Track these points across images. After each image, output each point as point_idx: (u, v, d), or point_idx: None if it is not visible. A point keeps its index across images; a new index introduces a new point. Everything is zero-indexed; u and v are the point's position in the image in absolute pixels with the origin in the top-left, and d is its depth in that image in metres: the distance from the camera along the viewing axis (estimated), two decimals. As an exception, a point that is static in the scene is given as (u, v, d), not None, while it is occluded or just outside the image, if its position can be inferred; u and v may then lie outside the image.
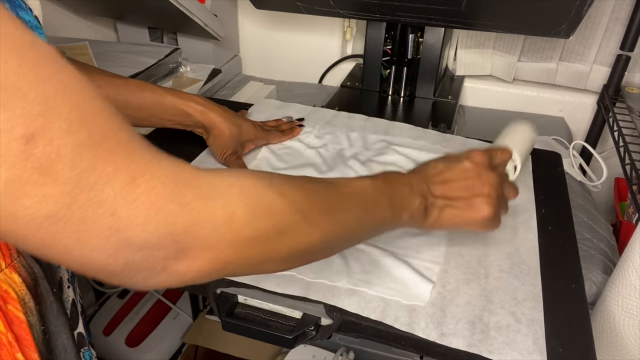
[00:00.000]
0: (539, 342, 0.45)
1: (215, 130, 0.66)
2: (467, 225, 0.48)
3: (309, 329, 0.48)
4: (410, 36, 0.96)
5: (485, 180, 0.48)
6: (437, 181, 0.47)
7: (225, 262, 0.31)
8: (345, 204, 0.39)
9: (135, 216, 0.26)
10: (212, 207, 0.29)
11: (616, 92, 0.95)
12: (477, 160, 0.49)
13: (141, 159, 0.27)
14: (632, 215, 0.80)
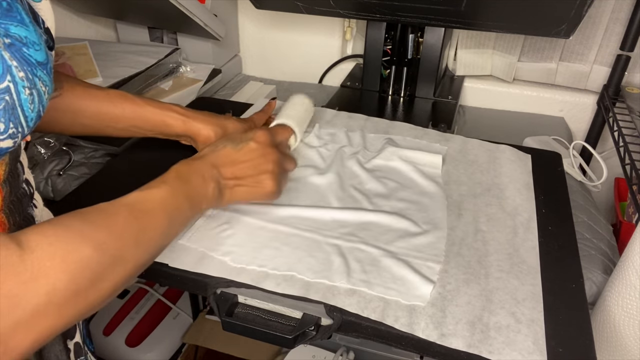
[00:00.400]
0: (539, 342, 0.45)
1: (200, 137, 0.66)
2: (256, 198, 0.56)
3: (309, 329, 0.48)
4: (410, 36, 0.96)
5: (269, 159, 0.55)
6: (227, 163, 0.53)
7: (51, 329, 0.33)
8: (152, 225, 0.42)
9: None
10: (36, 288, 0.31)
11: (616, 92, 0.95)
12: (262, 139, 0.56)
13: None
14: (632, 215, 0.80)
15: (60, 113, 0.58)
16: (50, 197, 0.74)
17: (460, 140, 0.76)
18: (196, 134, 0.66)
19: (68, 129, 0.62)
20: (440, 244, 0.56)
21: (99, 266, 0.35)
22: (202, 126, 0.65)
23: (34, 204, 0.44)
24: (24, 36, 0.35)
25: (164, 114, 0.64)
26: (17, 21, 0.34)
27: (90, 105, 0.60)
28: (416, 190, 0.65)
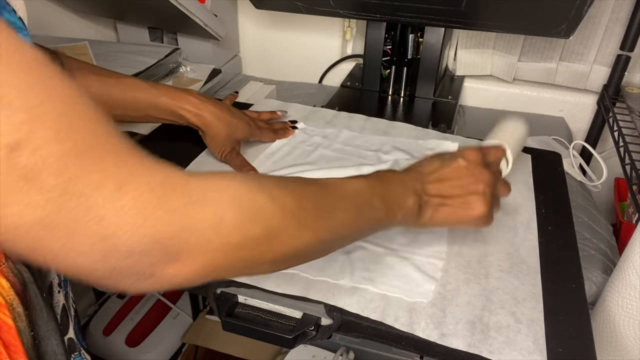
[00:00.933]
0: (539, 342, 0.45)
1: (210, 131, 0.66)
2: (462, 223, 0.49)
3: (309, 329, 0.48)
4: (410, 36, 0.96)
5: (479, 179, 0.49)
6: (432, 179, 0.48)
7: (215, 266, 0.31)
8: (338, 206, 0.39)
9: (123, 223, 0.26)
10: (201, 213, 0.29)
11: (616, 92, 0.95)
12: (471, 158, 0.50)
13: (130, 166, 0.27)
14: (632, 215, 0.80)
15: None
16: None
17: (460, 141, 0.76)
18: (206, 128, 0.66)
19: None
20: (442, 241, 0.56)
21: (272, 219, 0.33)
22: (214, 122, 0.65)
23: None
24: (13, 21, 0.34)
25: (177, 106, 0.64)
26: (1, 7, 0.33)
27: (102, 94, 0.59)
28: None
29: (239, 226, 0.31)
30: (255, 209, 0.32)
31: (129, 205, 0.26)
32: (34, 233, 0.24)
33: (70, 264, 0.26)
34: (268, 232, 0.32)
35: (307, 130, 0.78)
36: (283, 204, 0.34)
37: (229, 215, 0.30)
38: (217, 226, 0.30)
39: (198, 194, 0.29)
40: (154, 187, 0.27)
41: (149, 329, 1.09)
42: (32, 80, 0.24)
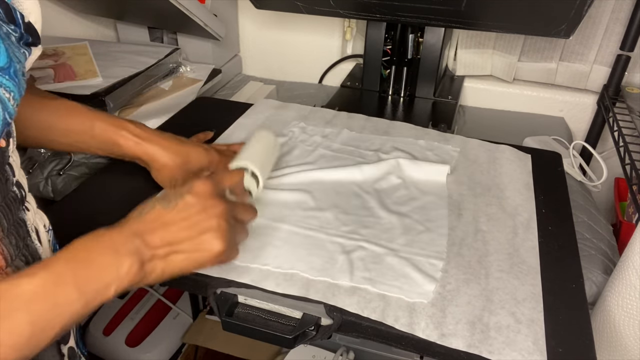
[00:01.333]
0: (539, 343, 0.45)
1: (155, 163, 0.59)
2: (201, 265, 0.44)
3: (309, 329, 0.48)
4: (410, 36, 0.96)
5: (211, 213, 0.44)
6: (155, 227, 0.42)
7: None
8: (4, 326, 0.32)
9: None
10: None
11: (616, 92, 0.95)
12: (200, 190, 0.44)
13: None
14: (632, 215, 0.80)
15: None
16: (50, 197, 0.74)
17: (460, 140, 0.76)
18: (150, 160, 0.59)
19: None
20: (442, 241, 0.56)
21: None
22: (158, 152, 0.58)
23: (26, 207, 0.42)
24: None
25: (115, 132, 0.57)
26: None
27: (33, 116, 0.53)
28: (418, 188, 0.65)
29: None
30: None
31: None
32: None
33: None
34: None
35: (307, 129, 0.78)
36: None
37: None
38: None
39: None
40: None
41: (149, 329, 1.09)
42: None
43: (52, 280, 0.35)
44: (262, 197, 0.62)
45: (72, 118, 0.56)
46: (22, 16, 0.38)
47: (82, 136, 0.57)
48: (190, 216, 0.43)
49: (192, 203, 0.44)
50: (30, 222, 0.42)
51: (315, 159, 0.70)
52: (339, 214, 0.60)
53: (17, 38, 0.38)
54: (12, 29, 0.37)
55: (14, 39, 0.37)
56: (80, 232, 0.56)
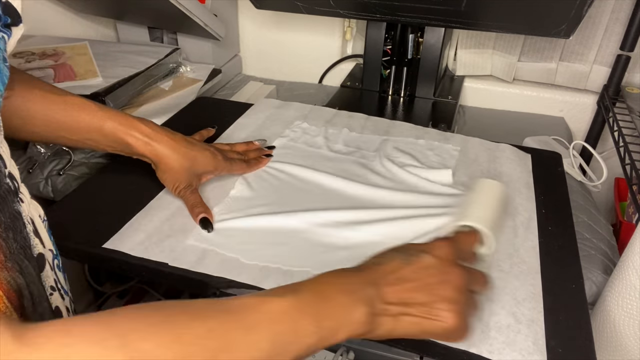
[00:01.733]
0: (539, 343, 0.45)
1: (162, 164, 0.59)
2: (429, 335, 0.41)
3: (309, 329, 0.48)
4: (410, 36, 0.96)
5: (448, 280, 0.40)
6: (391, 281, 0.39)
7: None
8: (243, 344, 0.31)
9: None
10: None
11: (616, 92, 0.95)
12: (441, 253, 0.41)
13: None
14: (632, 215, 0.80)
15: (7, 117, 0.49)
16: (50, 197, 0.74)
17: (460, 139, 0.76)
18: (158, 161, 0.59)
19: (15, 133, 0.54)
20: None
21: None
22: (167, 153, 0.58)
23: (20, 199, 0.41)
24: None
25: (125, 132, 0.57)
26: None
27: (41, 111, 0.53)
28: (422, 190, 0.65)
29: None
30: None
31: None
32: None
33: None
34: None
35: (309, 130, 0.78)
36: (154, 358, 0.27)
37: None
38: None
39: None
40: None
41: (149, 329, 1.09)
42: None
43: (298, 307, 0.34)
44: (261, 197, 0.62)
45: (81, 115, 0.55)
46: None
47: (92, 134, 0.56)
48: (428, 278, 0.40)
49: (431, 264, 0.40)
50: (25, 213, 0.41)
51: (317, 161, 0.70)
52: (338, 213, 0.60)
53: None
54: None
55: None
56: (81, 232, 0.56)
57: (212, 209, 0.60)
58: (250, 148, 0.71)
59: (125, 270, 0.54)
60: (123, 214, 0.59)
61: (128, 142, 0.57)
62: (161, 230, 0.57)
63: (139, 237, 0.55)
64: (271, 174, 0.68)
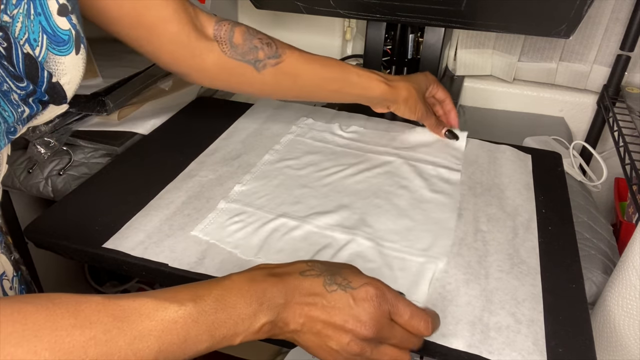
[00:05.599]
0: (539, 343, 0.45)
1: (401, 98, 0.69)
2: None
3: (309, 329, 0.48)
4: (410, 36, 0.96)
5: (351, 332, 0.38)
6: (304, 301, 0.38)
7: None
8: (126, 350, 0.31)
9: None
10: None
11: (616, 92, 0.95)
12: (362, 297, 0.38)
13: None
14: (632, 215, 0.80)
15: (282, 76, 0.63)
16: (50, 197, 0.74)
17: (465, 136, 0.76)
18: (397, 95, 0.69)
19: (289, 90, 0.66)
20: (442, 241, 0.56)
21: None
22: (402, 86, 0.68)
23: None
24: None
25: (368, 77, 0.67)
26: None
27: (308, 68, 0.64)
28: (429, 188, 0.65)
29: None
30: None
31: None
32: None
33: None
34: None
35: (315, 125, 0.79)
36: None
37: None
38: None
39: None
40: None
41: (149, 329, 1.09)
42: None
43: (194, 317, 0.34)
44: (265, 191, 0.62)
45: (334, 67, 0.66)
46: (49, 75, 0.38)
47: (343, 83, 0.67)
48: (335, 315, 0.38)
49: (345, 303, 0.38)
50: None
51: (325, 156, 0.71)
52: (342, 210, 0.60)
53: (25, 95, 0.37)
54: (21, 86, 0.36)
55: (17, 96, 0.37)
56: (81, 232, 0.56)
57: (217, 204, 0.61)
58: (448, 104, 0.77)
59: (125, 270, 0.54)
60: (123, 214, 0.59)
61: (371, 86, 0.67)
62: (161, 230, 0.57)
63: (139, 237, 0.55)
64: (278, 169, 0.68)
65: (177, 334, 0.33)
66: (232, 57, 0.60)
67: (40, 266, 1.00)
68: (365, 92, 0.68)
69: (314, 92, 0.67)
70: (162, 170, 0.67)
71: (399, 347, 0.40)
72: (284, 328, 0.38)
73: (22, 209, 0.95)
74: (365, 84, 0.67)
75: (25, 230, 0.58)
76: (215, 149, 0.73)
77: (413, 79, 0.71)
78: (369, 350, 0.39)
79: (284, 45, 0.63)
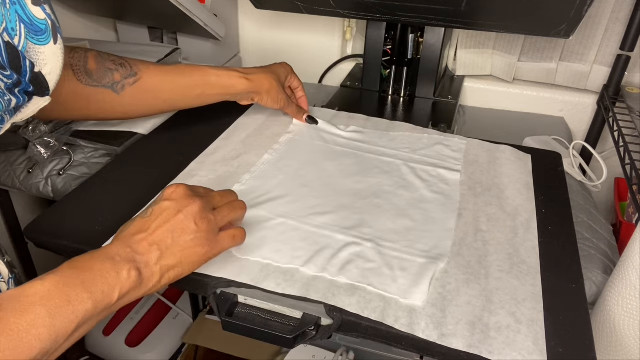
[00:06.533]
0: (539, 343, 0.45)
1: (262, 89, 0.72)
2: (196, 265, 0.46)
3: (309, 329, 0.48)
4: (410, 36, 0.96)
5: (187, 213, 0.45)
6: (140, 237, 0.43)
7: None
8: (22, 327, 0.34)
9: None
10: None
11: (616, 92, 0.95)
12: (172, 193, 0.46)
13: None
14: (632, 215, 0.80)
15: (143, 94, 0.63)
16: (50, 197, 0.74)
17: (464, 142, 0.76)
18: (259, 88, 0.71)
19: (152, 107, 0.68)
20: (442, 242, 0.56)
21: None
22: (264, 79, 0.71)
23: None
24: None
25: (228, 76, 0.68)
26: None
27: (167, 79, 0.65)
28: (428, 189, 0.65)
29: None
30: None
31: None
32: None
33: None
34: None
35: (314, 125, 0.79)
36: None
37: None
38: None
39: None
40: None
41: (149, 329, 1.09)
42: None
43: (62, 281, 0.37)
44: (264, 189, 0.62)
45: (192, 72, 0.67)
46: (31, 65, 0.39)
47: (204, 87, 0.68)
48: (168, 220, 0.44)
49: (166, 206, 0.45)
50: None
51: (324, 155, 0.71)
52: (342, 210, 0.60)
53: (11, 84, 0.38)
54: (6, 75, 0.37)
55: (3, 85, 0.37)
56: (81, 232, 0.56)
57: None
58: (300, 93, 0.81)
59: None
60: (123, 214, 0.59)
61: (232, 84, 0.69)
62: (161, 230, 0.56)
63: (139, 237, 0.55)
64: (277, 168, 0.68)
65: (58, 298, 0.36)
66: (89, 85, 0.60)
67: (40, 266, 1.00)
68: (228, 90, 0.70)
69: (177, 101, 0.68)
70: (162, 170, 0.67)
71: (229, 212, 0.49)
72: (149, 261, 0.43)
73: (22, 209, 0.95)
74: (226, 83, 0.69)
75: (25, 230, 0.58)
76: (215, 149, 0.73)
77: (272, 70, 0.74)
78: (204, 201, 0.46)
79: (137, 62, 0.64)
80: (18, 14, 0.38)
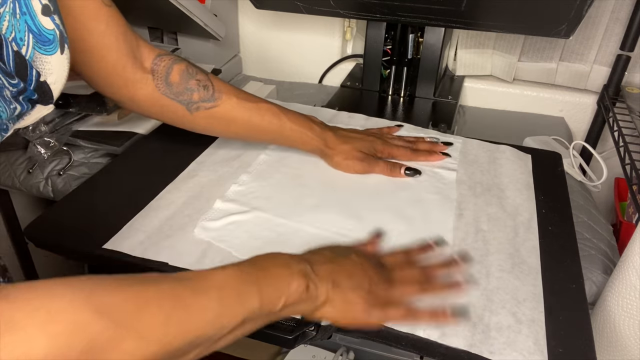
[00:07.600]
0: (539, 343, 0.45)
1: (335, 156, 0.68)
2: (353, 319, 0.45)
3: (309, 329, 0.48)
4: (410, 36, 0.96)
5: (368, 274, 0.46)
6: (323, 261, 0.45)
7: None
8: (194, 306, 0.35)
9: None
10: (9, 344, 0.26)
11: (616, 92, 0.95)
12: (364, 254, 0.48)
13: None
14: (632, 215, 0.80)
15: (214, 121, 0.63)
16: (50, 197, 0.74)
17: (460, 141, 0.76)
18: (330, 160, 0.68)
19: (221, 133, 0.68)
20: (447, 238, 0.56)
21: (100, 337, 0.29)
22: (340, 150, 0.67)
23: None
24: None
25: (302, 132, 0.66)
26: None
27: (241, 116, 0.63)
28: (426, 189, 0.65)
29: (51, 353, 0.27)
30: (73, 329, 0.28)
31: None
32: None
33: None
34: (93, 354, 0.29)
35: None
36: (115, 317, 0.30)
37: (39, 341, 0.27)
38: (27, 356, 0.27)
39: (6, 320, 0.26)
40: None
41: (149, 329, 1.09)
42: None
43: (240, 276, 0.39)
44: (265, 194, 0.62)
45: (270, 119, 0.65)
46: (37, 74, 0.39)
47: (276, 134, 0.66)
48: (351, 268, 0.46)
49: (356, 261, 0.47)
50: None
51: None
52: (341, 211, 0.60)
53: (16, 92, 0.38)
54: (13, 83, 0.37)
55: (9, 92, 0.38)
56: (81, 232, 0.56)
57: (214, 204, 0.61)
58: (393, 131, 0.76)
59: (125, 271, 0.54)
60: (123, 214, 0.59)
61: (304, 141, 0.67)
62: (161, 231, 0.57)
63: (139, 237, 0.55)
64: (275, 169, 0.68)
65: (232, 288, 0.38)
66: (165, 95, 0.60)
67: (40, 266, 1.00)
68: (298, 145, 0.68)
69: (246, 137, 0.67)
70: (162, 170, 0.67)
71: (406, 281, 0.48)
72: (319, 287, 0.43)
73: (22, 209, 0.95)
74: (298, 139, 0.67)
75: (25, 230, 0.58)
76: (215, 149, 0.73)
77: (357, 143, 0.68)
78: (382, 273, 0.47)
79: (222, 88, 0.62)
80: (27, 24, 0.38)
